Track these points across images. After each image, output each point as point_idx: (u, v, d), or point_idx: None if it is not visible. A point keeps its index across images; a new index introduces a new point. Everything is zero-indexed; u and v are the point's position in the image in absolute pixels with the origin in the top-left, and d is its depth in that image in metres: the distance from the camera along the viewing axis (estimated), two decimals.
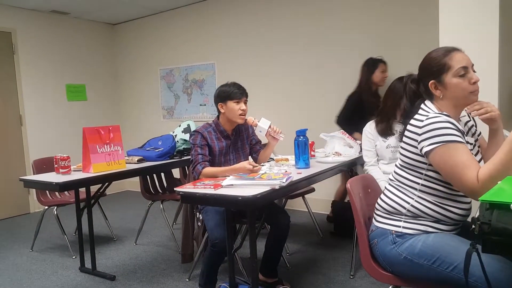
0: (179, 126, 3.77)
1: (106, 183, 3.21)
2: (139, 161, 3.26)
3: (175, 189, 2.14)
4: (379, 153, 2.76)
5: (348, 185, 1.78)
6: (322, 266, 3.05)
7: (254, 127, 2.60)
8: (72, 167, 2.93)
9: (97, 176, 2.81)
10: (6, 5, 4.97)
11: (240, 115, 2.55)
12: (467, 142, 1.54)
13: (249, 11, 4.90)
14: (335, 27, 4.28)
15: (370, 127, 2.80)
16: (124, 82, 6.39)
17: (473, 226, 1.07)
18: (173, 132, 3.72)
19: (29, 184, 2.94)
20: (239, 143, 2.71)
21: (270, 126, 2.53)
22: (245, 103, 2.59)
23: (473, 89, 1.53)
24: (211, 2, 5.21)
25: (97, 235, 3.81)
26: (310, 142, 2.68)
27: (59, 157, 2.85)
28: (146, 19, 5.95)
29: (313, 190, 3.70)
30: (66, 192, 3.80)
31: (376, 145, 2.76)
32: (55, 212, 3.54)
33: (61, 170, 2.84)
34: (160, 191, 3.83)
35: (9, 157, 5.05)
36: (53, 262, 3.38)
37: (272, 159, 2.88)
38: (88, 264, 3.13)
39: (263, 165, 2.47)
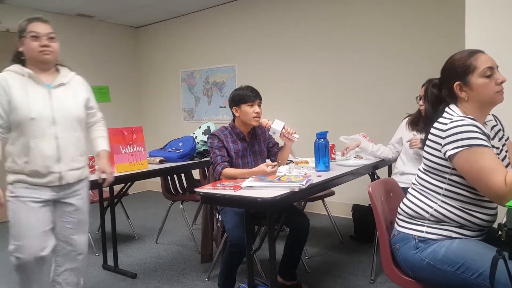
0: (199, 127, 3.81)
1: (129, 183, 3.27)
2: (161, 161, 3.30)
3: (195, 189, 2.16)
4: (404, 146, 2.82)
5: (369, 189, 1.77)
6: (341, 270, 3.02)
7: (268, 129, 2.59)
8: (96, 167, 2.98)
9: (120, 176, 2.85)
10: (34, 9, 5.12)
11: (254, 117, 2.54)
12: (493, 146, 1.51)
13: (269, 14, 4.91)
14: (355, 30, 4.24)
15: (405, 120, 2.90)
16: (146, 84, 6.49)
17: (500, 232, 1.05)
18: (194, 133, 3.75)
19: None
20: (257, 147, 2.71)
21: (284, 127, 2.52)
22: (259, 106, 2.58)
23: (499, 89, 1.50)
24: (232, 5, 5.24)
25: (120, 233, 3.87)
26: (330, 145, 2.67)
27: None
28: (168, 22, 6.03)
29: (333, 193, 3.67)
30: (90, 191, 3.87)
31: (401, 137, 2.87)
32: None
33: None
34: (181, 191, 3.87)
35: None
36: None
37: (292, 161, 2.88)
38: (110, 262, 3.18)
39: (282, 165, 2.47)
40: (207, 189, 2.11)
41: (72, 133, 2.03)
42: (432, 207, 1.56)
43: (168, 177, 3.80)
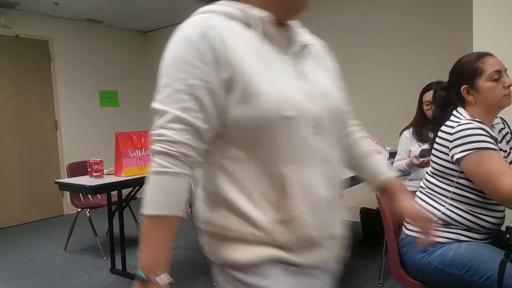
0: None
1: (137, 187, 3.29)
2: None
3: None
4: (413, 153, 2.75)
5: (378, 192, 1.76)
6: (350, 274, 3.01)
7: None
8: (104, 171, 3.01)
9: (128, 180, 2.88)
10: (44, 14, 5.20)
11: None
12: (501, 149, 1.50)
13: None
14: (369, 30, 4.24)
15: (408, 132, 2.82)
16: (155, 89, 6.50)
17: (508, 235, 1.05)
18: None
19: (63, 187, 3.04)
20: None
21: None
22: None
23: (506, 92, 1.50)
24: None
25: (128, 237, 3.89)
26: None
27: (92, 161, 2.94)
28: (177, 27, 6.07)
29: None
30: (98, 195, 3.91)
31: (410, 150, 2.74)
32: (88, 215, 3.65)
33: (94, 174, 2.92)
34: (188, 195, 3.88)
35: (45, 161, 5.25)
36: (85, 263, 3.48)
37: None
38: (118, 266, 3.20)
39: None
40: None
41: (337, 148, 0.97)
42: (440, 210, 1.56)
43: None
